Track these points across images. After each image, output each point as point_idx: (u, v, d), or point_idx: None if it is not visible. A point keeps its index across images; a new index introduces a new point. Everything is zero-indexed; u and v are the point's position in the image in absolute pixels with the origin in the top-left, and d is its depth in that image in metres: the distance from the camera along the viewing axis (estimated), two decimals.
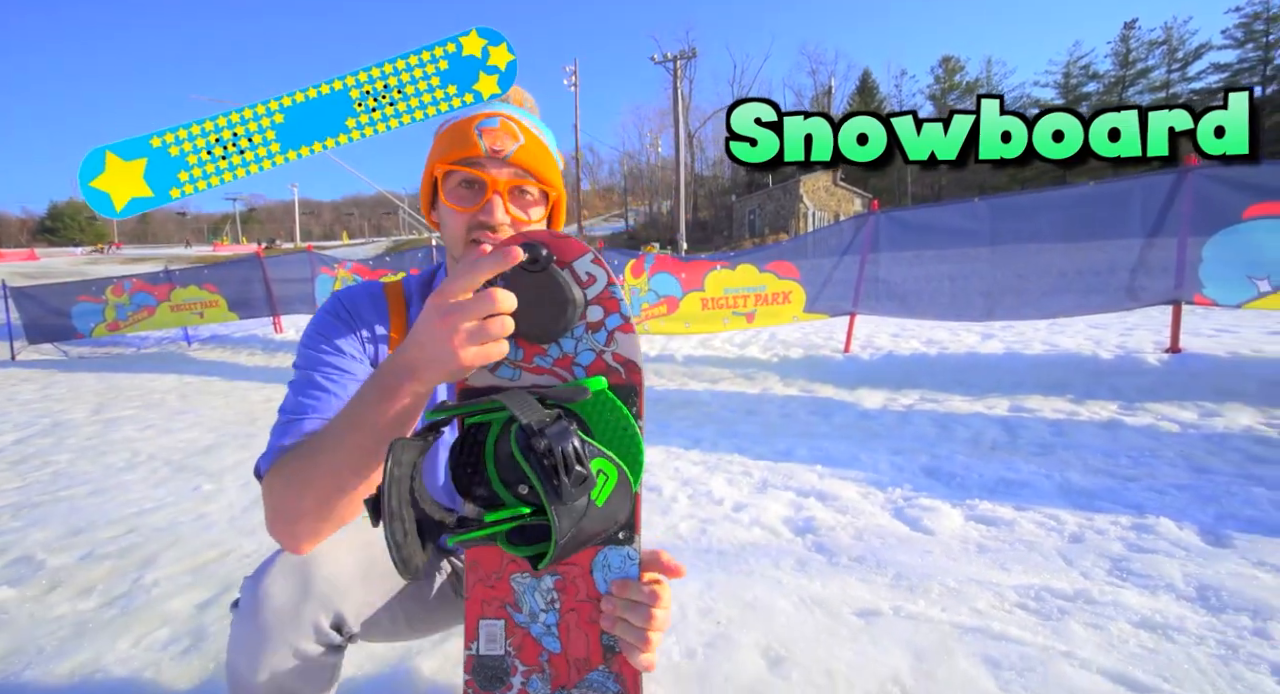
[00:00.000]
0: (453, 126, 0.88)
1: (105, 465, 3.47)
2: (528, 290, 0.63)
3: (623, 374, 0.68)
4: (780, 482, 2.83)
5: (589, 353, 0.68)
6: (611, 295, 0.67)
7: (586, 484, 0.58)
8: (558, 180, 0.92)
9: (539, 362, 0.68)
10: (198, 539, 2.36)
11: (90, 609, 1.85)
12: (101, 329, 9.39)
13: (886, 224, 5.42)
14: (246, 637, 0.78)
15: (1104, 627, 1.55)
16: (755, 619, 1.67)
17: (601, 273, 0.67)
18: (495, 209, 0.84)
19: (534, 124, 0.91)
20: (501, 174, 0.85)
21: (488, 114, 0.87)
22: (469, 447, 0.66)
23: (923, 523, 2.27)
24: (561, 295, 0.64)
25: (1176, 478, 2.61)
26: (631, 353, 0.68)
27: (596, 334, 0.67)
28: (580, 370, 0.68)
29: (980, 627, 1.58)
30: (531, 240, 0.64)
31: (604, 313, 0.67)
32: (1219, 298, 4.03)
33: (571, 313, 0.65)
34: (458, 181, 0.87)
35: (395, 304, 0.98)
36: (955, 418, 3.80)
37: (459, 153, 0.85)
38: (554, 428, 0.57)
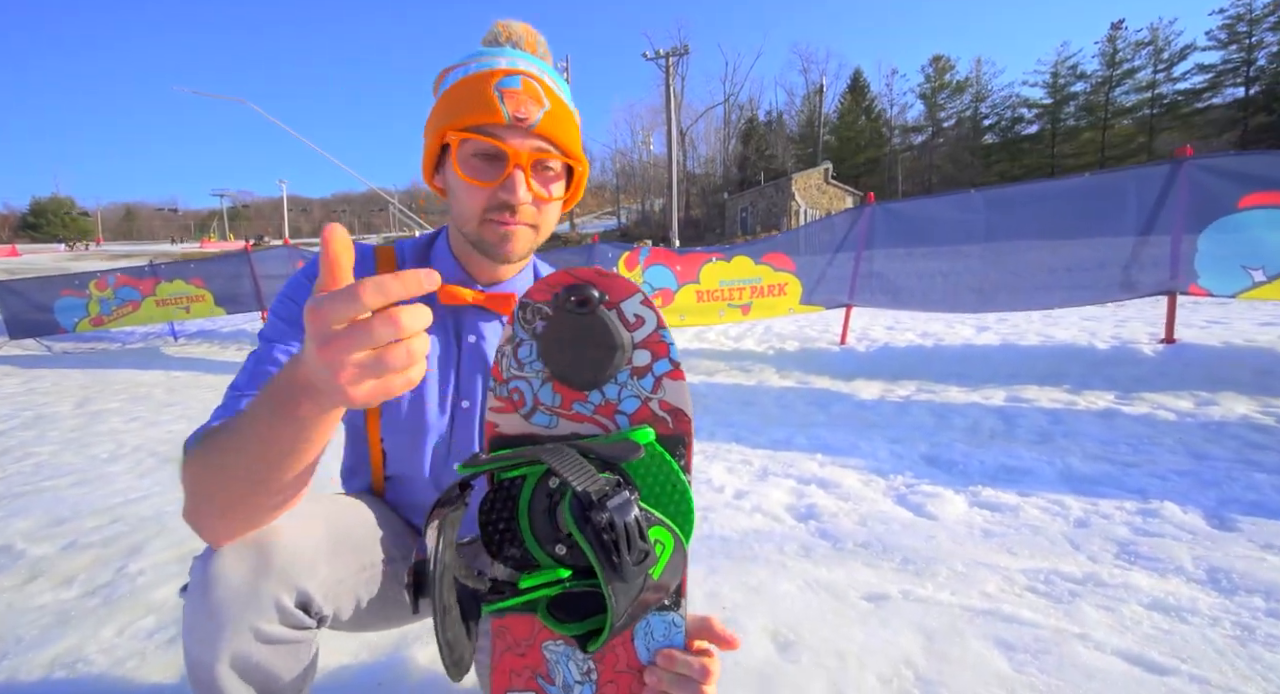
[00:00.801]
0: (467, 82, 0.78)
1: (90, 457, 3.39)
2: (571, 332, 0.59)
3: (670, 424, 0.62)
4: (780, 469, 2.80)
5: (634, 400, 0.62)
6: (661, 339, 0.62)
7: (648, 560, 0.54)
8: (580, 149, 0.83)
9: (578, 408, 0.63)
10: (184, 528, 2.28)
11: (72, 598, 1.79)
12: (85, 324, 9.22)
13: (883, 216, 5.40)
14: (200, 621, 0.66)
15: (1116, 609, 1.53)
16: (761, 603, 1.63)
17: (651, 314, 0.61)
18: (517, 186, 0.76)
19: (555, 82, 0.82)
20: (525, 146, 0.76)
21: (507, 71, 0.77)
22: (500, 502, 0.62)
23: (926, 509, 2.25)
24: (609, 339, 0.59)
25: (1177, 464, 2.60)
26: (680, 401, 0.62)
27: (643, 380, 0.62)
28: (624, 419, 0.62)
29: (991, 609, 1.55)
30: (581, 280, 0.60)
31: (651, 357, 0.62)
32: (1214, 288, 4.03)
33: (619, 357, 0.60)
34: (474, 151, 0.77)
35: (384, 269, 0.89)
36: (952, 408, 3.79)
37: (477, 117, 0.75)
38: (616, 499, 0.53)
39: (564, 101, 0.81)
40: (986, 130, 51.49)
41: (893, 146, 54.10)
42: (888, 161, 52.54)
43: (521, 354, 0.63)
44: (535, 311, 0.62)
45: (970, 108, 52.00)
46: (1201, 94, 41.99)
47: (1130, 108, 44.75)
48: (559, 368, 0.61)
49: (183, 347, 9.03)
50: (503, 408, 0.65)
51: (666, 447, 0.62)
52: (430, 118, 0.82)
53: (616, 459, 0.57)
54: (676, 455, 0.62)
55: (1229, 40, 40.40)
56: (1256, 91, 39.35)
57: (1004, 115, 50.91)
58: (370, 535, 0.84)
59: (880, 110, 56.28)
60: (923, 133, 53.85)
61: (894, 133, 55.22)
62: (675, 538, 0.58)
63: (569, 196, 0.89)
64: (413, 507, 0.97)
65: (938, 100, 52.83)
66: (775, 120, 57.13)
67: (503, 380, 0.65)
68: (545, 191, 0.80)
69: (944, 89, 52.44)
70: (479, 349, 0.90)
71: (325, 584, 0.73)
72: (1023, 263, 4.87)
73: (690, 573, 1.77)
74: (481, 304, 0.87)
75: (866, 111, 55.70)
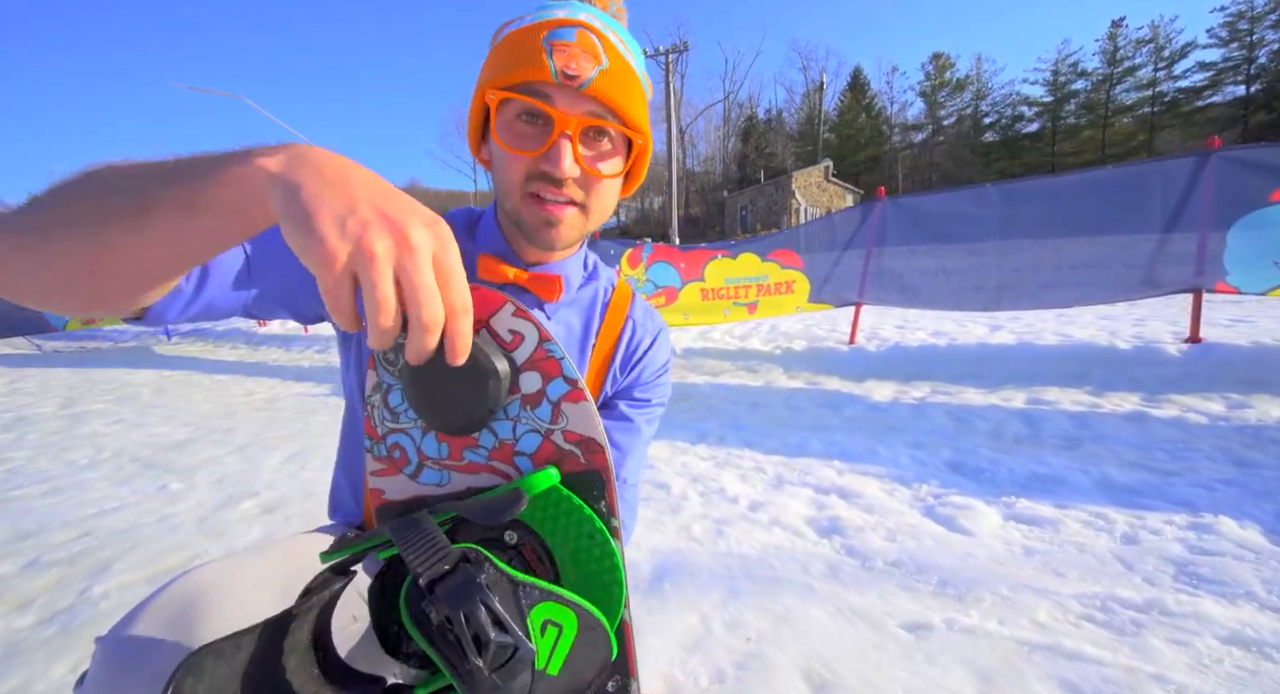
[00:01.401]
0: (515, 34, 0.66)
1: (67, 462, 3.22)
2: (430, 367, 0.45)
3: (581, 458, 0.51)
4: (796, 478, 2.63)
5: (534, 436, 0.51)
6: (548, 355, 0.50)
7: (518, 656, 0.41)
8: (645, 120, 0.68)
9: (471, 457, 0.51)
10: (159, 543, 2.13)
11: (26, 627, 1.62)
12: (76, 322, 9.05)
13: (894, 211, 5.23)
14: None
15: (1189, 643, 1.37)
16: (790, 634, 1.47)
17: (529, 327, 0.50)
18: (562, 157, 0.63)
19: (621, 38, 0.67)
20: (574, 109, 0.63)
21: (562, 20, 0.64)
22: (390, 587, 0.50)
23: (958, 522, 2.09)
24: (478, 368, 0.47)
25: (1220, 472, 2.44)
26: (588, 428, 0.51)
27: (538, 409, 0.51)
28: (526, 461, 0.51)
29: (1050, 644, 1.38)
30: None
31: (543, 379, 0.50)
32: (1243, 285, 3.87)
33: (496, 388, 0.48)
34: (516, 113, 0.65)
35: None
36: (971, 410, 3.63)
37: (521, 73, 0.62)
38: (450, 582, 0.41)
39: (628, 63, 0.67)
40: (987, 128, 51.29)
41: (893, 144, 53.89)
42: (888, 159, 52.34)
43: (393, 402, 0.52)
44: (396, 348, 0.50)
45: (971, 106, 51.80)
46: (1202, 92, 41.82)
47: (1131, 106, 44.57)
48: (429, 414, 0.49)
49: (176, 345, 8.86)
50: (385, 470, 0.53)
51: (578, 487, 0.50)
52: (478, 78, 0.68)
53: (489, 521, 0.46)
54: (592, 497, 0.50)
55: (1230, 38, 40.23)
56: (1257, 89, 39.20)
57: (1004, 113, 50.72)
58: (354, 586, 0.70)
59: (880, 108, 56.04)
60: (923, 130, 53.62)
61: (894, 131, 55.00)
62: (581, 614, 0.46)
63: (629, 176, 0.74)
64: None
65: (938, 98, 52.62)
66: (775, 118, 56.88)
67: (379, 437, 0.53)
68: (597, 166, 0.67)
69: (944, 87, 52.23)
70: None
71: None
72: (1041, 259, 4.71)
73: (709, 597, 1.63)
74: (523, 284, 0.74)
75: (867, 109, 55.47)
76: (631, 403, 0.82)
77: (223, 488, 2.71)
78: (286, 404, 4.63)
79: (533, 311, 0.52)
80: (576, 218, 0.69)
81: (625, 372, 0.82)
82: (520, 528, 0.50)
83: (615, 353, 0.81)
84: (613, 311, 0.82)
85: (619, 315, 0.82)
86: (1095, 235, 4.46)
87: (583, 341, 0.80)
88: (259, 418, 4.16)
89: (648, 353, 0.83)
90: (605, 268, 0.87)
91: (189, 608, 0.55)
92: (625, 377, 0.82)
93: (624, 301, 0.83)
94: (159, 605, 0.55)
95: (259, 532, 2.22)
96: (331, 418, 4.07)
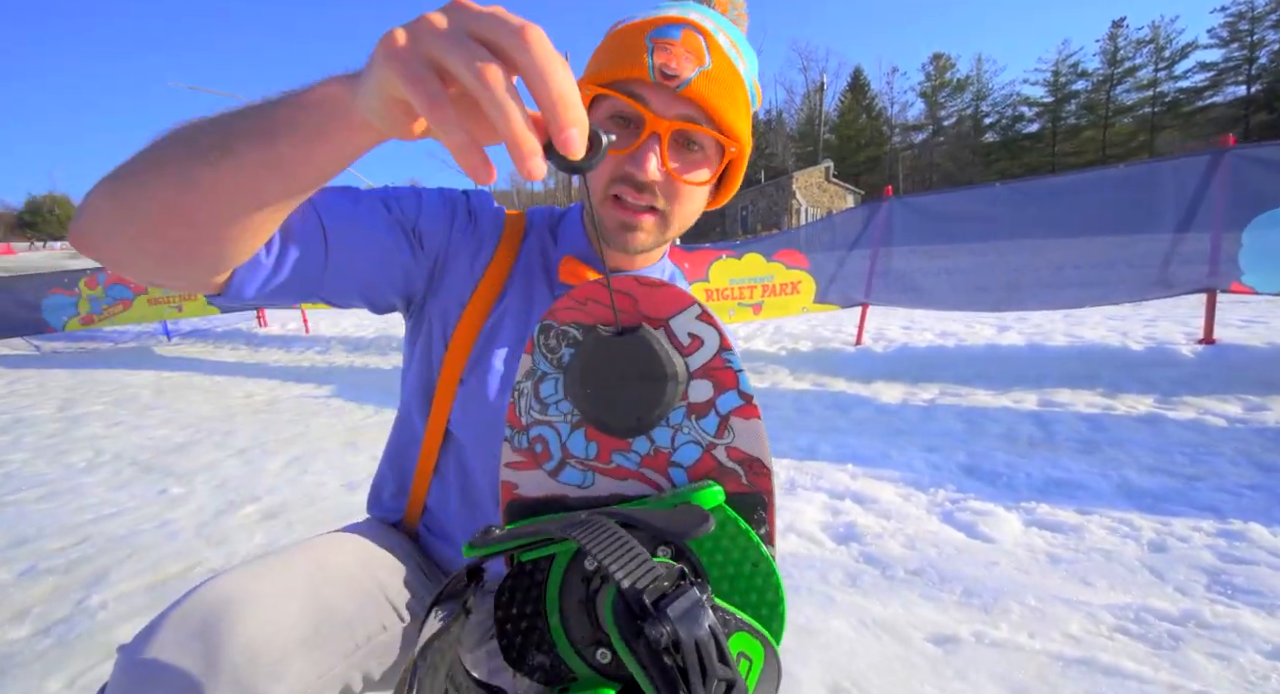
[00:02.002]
0: (624, 30, 0.63)
1: (65, 466, 3.16)
2: (607, 361, 0.46)
3: (743, 478, 0.47)
4: (809, 482, 2.58)
5: (693, 447, 0.47)
6: (726, 365, 0.46)
7: (736, 688, 0.36)
8: (744, 128, 0.65)
9: (620, 461, 0.48)
10: (158, 550, 2.07)
11: (22, 638, 1.56)
12: (75, 323, 8.97)
13: (901, 210, 5.18)
14: None
15: (1232, 658, 1.32)
16: (813, 648, 1.42)
17: (712, 332, 0.46)
18: (646, 161, 0.60)
19: (731, 40, 0.64)
20: (668, 111, 0.60)
21: (670, 18, 0.61)
22: (521, 593, 0.47)
23: (979, 529, 2.03)
24: (656, 368, 0.45)
25: (1244, 477, 2.39)
26: (756, 448, 0.46)
27: (703, 420, 0.47)
28: (680, 473, 0.47)
29: (1085, 657, 1.33)
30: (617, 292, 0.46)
31: (714, 389, 0.47)
32: (1259, 285, 3.82)
33: (670, 391, 0.45)
34: (610, 112, 0.63)
35: (511, 230, 0.74)
36: (983, 412, 3.58)
37: (619, 71, 0.61)
38: (680, 603, 0.36)
39: (735, 67, 0.63)
40: (987, 129, 51.28)
41: (893, 145, 53.88)
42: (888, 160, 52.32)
43: (544, 392, 0.49)
44: (560, 336, 0.48)
45: (971, 106, 51.79)
46: (1203, 92, 41.81)
47: (1131, 106, 44.56)
48: (592, 408, 0.47)
49: (176, 346, 8.80)
50: (522, 462, 0.50)
51: (740, 510, 0.46)
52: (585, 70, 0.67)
53: (679, 536, 0.40)
54: (755, 522, 0.46)
55: (1230, 38, 40.23)
56: (1258, 90, 39.20)
57: (1005, 114, 50.72)
58: (384, 593, 0.66)
59: (881, 108, 56.03)
60: (923, 131, 53.61)
61: (894, 131, 54.98)
62: (766, 646, 0.42)
63: (723, 185, 0.71)
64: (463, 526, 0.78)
65: (938, 98, 52.62)
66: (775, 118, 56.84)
67: (521, 427, 0.50)
68: (686, 173, 0.64)
69: (944, 87, 52.22)
70: None
71: (300, 683, 0.53)
72: (1051, 259, 4.65)
73: None
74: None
75: (867, 110, 55.45)
76: None
77: (223, 492, 2.66)
78: (287, 406, 4.57)
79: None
80: (655, 225, 0.66)
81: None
82: (674, 546, 0.45)
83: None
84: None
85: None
86: (1106, 235, 4.41)
87: None
88: (259, 420, 4.11)
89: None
90: (684, 281, 0.84)
91: (215, 621, 0.51)
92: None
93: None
94: (182, 616, 0.51)
95: (260, 538, 2.16)
96: (333, 420, 4.01)
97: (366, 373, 6.02)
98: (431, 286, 0.71)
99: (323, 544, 0.67)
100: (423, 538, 0.80)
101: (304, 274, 0.59)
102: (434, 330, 0.73)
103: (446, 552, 0.78)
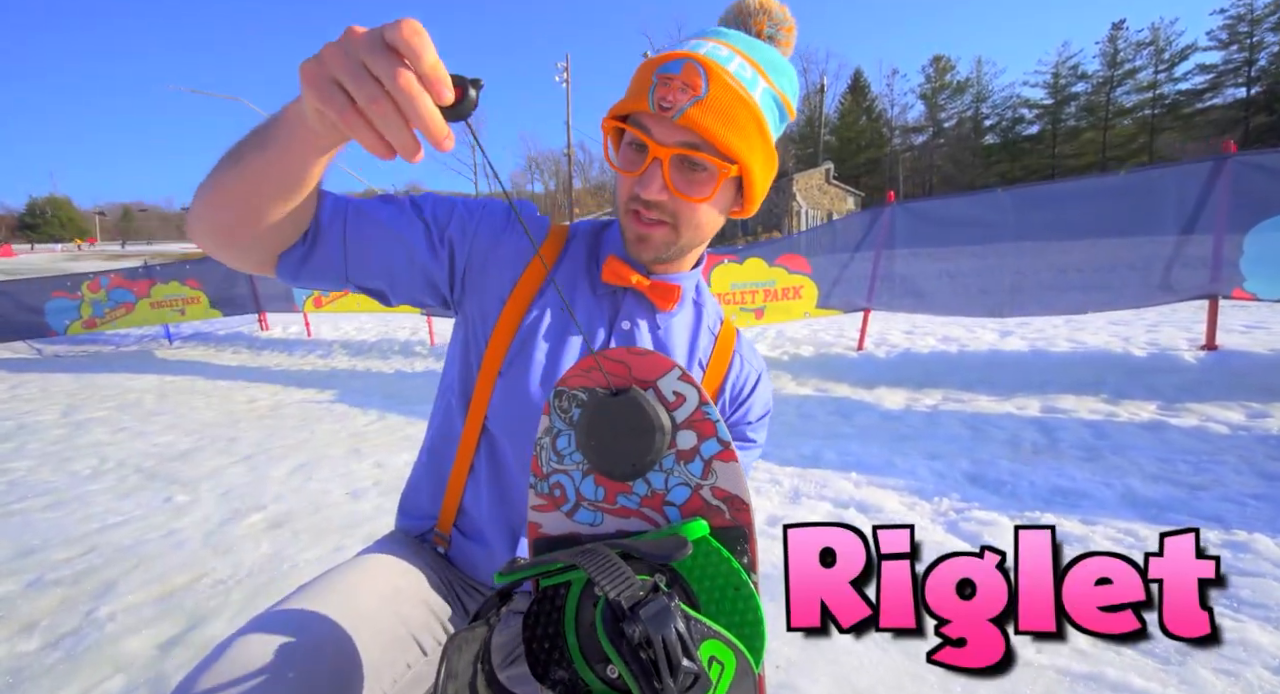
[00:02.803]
0: (641, 67, 0.71)
1: (70, 473, 3.17)
2: (607, 418, 0.56)
3: (726, 514, 0.56)
4: (813, 490, 2.59)
5: (683, 488, 0.57)
6: (705, 417, 0.57)
7: (699, 684, 0.44)
8: (745, 148, 0.69)
9: (624, 502, 0.58)
10: (165, 560, 2.08)
11: (31, 651, 1.57)
12: (77, 327, 8.98)
13: (903, 216, 5.19)
14: None
15: (1239, 674, 1.32)
16: (821, 662, 1.42)
17: (692, 390, 0.57)
18: (651, 182, 0.68)
19: (739, 67, 0.68)
20: (668, 138, 0.67)
21: (673, 55, 0.68)
22: (545, 615, 0.55)
23: (984, 539, 2.04)
24: (645, 422, 0.55)
25: (1248, 486, 2.40)
26: (735, 487, 0.56)
27: (690, 464, 0.57)
28: (674, 511, 0.57)
29: (1093, 673, 1.34)
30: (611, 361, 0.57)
31: (697, 438, 0.57)
32: (1260, 292, 3.82)
33: (659, 441, 0.55)
34: (628, 139, 0.71)
35: (553, 240, 0.83)
36: (986, 419, 3.58)
37: (631, 105, 0.69)
38: (650, 607, 0.44)
39: (735, 90, 0.68)
40: (987, 130, 51.30)
41: (893, 147, 53.92)
42: (888, 162, 52.36)
43: (560, 445, 0.59)
44: (571, 399, 0.58)
45: (971, 108, 51.83)
46: (1203, 94, 41.85)
47: (1131, 108, 44.59)
48: (598, 457, 0.57)
49: (177, 350, 8.81)
50: (544, 506, 0.60)
51: (724, 541, 0.55)
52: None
53: (661, 559, 0.49)
54: (737, 552, 0.55)
55: (1230, 40, 40.26)
56: (1258, 92, 39.23)
57: (1005, 116, 50.74)
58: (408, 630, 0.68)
59: (881, 110, 56.08)
60: (923, 133, 53.65)
61: (895, 133, 55.02)
62: (738, 656, 0.49)
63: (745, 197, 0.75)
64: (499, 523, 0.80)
65: (938, 100, 52.66)
66: None
67: (543, 476, 0.60)
68: (690, 192, 0.70)
69: (944, 89, 52.26)
70: (630, 337, 0.81)
71: None
72: (1053, 265, 4.66)
73: None
74: (644, 290, 0.79)
75: (867, 112, 55.50)
76: (741, 443, 0.84)
77: (228, 501, 2.66)
78: (290, 412, 4.58)
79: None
80: (666, 235, 0.73)
81: (733, 406, 0.85)
82: (669, 573, 0.53)
83: (724, 386, 0.84)
84: (721, 345, 0.85)
85: (727, 350, 0.85)
86: (1109, 241, 4.42)
87: (689, 356, 0.83)
88: (263, 426, 4.11)
89: (755, 391, 0.86)
90: (713, 299, 0.91)
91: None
92: (733, 411, 0.85)
93: (731, 337, 0.86)
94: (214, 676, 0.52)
95: (266, 547, 2.17)
96: (336, 426, 4.02)
97: (369, 377, 6.02)
98: (467, 287, 0.78)
99: (347, 582, 0.68)
100: (455, 543, 0.82)
101: (328, 260, 0.69)
102: (475, 328, 0.79)
103: (478, 554, 0.80)
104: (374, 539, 0.84)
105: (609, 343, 0.80)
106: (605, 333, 0.80)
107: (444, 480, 0.82)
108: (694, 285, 0.86)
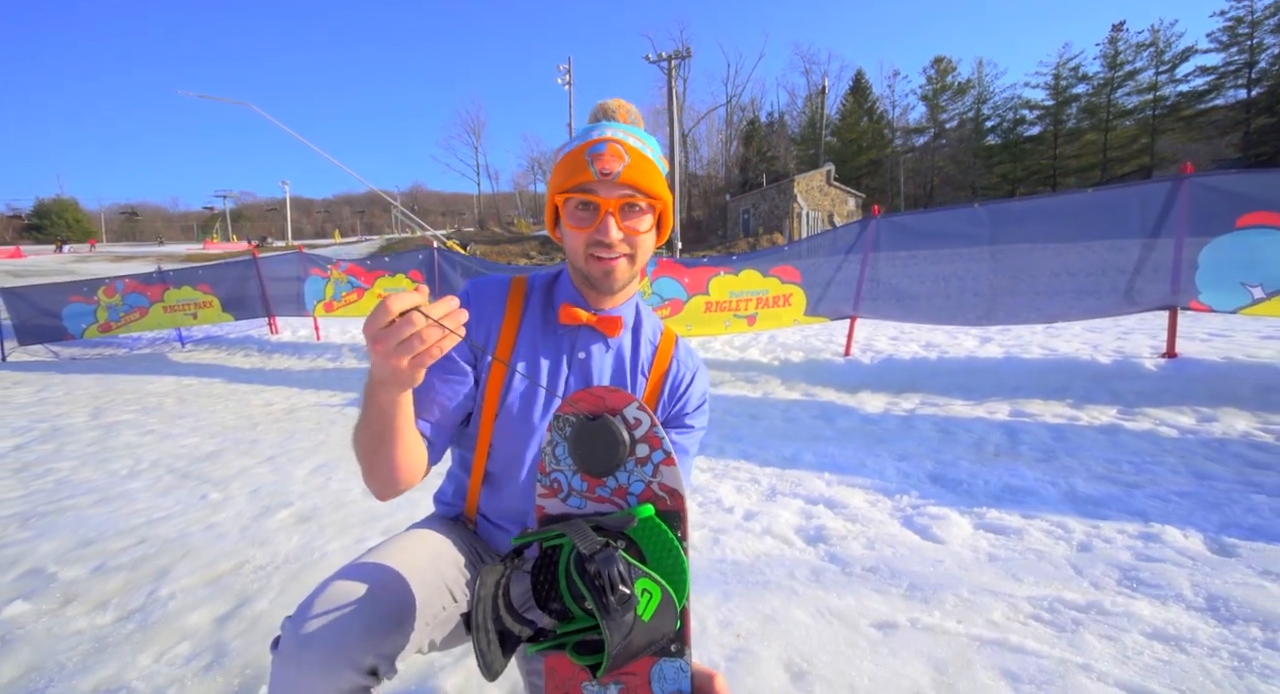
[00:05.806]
0: (567, 155, 0.97)
1: (109, 472, 3.45)
2: (588, 435, 0.79)
3: (668, 501, 0.79)
4: (789, 489, 2.85)
5: (639, 483, 0.80)
6: (655, 435, 0.79)
7: (630, 602, 0.69)
8: (662, 189, 0.99)
9: (600, 492, 0.81)
10: (210, 550, 2.35)
11: (108, 624, 1.85)
12: (93, 330, 9.29)
13: (888, 228, 5.46)
14: (286, 683, 0.76)
15: (1118, 638, 1.59)
16: (775, 632, 1.69)
17: (645, 417, 0.79)
18: (609, 228, 0.94)
19: (638, 139, 0.97)
20: (613, 195, 0.93)
21: (596, 140, 0.95)
22: (546, 566, 0.80)
23: (932, 531, 2.30)
24: (615, 438, 0.78)
25: (1178, 485, 2.66)
26: (674, 483, 0.79)
27: (644, 467, 0.79)
28: (633, 499, 0.80)
29: (998, 639, 1.60)
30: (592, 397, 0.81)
31: (649, 449, 0.79)
32: (1214, 304, 4.08)
33: (622, 452, 0.78)
34: (576, 205, 0.95)
35: (515, 296, 1.08)
36: (957, 422, 3.84)
37: (574, 179, 0.94)
38: (602, 554, 0.69)
39: (644, 154, 0.97)
40: (988, 132, 51.36)
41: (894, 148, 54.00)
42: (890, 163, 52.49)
43: (558, 452, 0.83)
44: (565, 421, 0.82)
45: (972, 109, 51.92)
46: (1204, 96, 41.89)
47: (1132, 109, 44.63)
48: (582, 462, 0.80)
49: (190, 353, 9.10)
50: (547, 493, 0.84)
51: (665, 520, 0.78)
52: (548, 184, 1.02)
53: (618, 528, 0.76)
54: (673, 526, 0.78)
55: (1230, 42, 40.30)
56: (1259, 93, 39.27)
57: (1006, 117, 50.81)
58: (444, 583, 0.95)
59: (882, 112, 56.19)
60: (925, 134, 53.73)
61: (896, 134, 55.12)
62: (664, 590, 0.73)
63: (660, 228, 1.04)
64: (505, 513, 1.09)
65: (939, 102, 52.76)
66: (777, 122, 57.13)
67: (546, 473, 0.84)
68: (635, 226, 0.96)
69: (946, 90, 52.37)
70: (586, 365, 1.06)
71: (402, 647, 0.83)
72: (1027, 276, 4.93)
73: (704, 599, 1.86)
74: (593, 325, 1.04)
75: (868, 113, 55.63)
76: (681, 430, 1.09)
77: (258, 498, 2.94)
78: (305, 415, 4.86)
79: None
80: (626, 265, 0.99)
81: (673, 400, 1.09)
82: (627, 539, 0.77)
83: (664, 384, 1.09)
84: (661, 351, 1.10)
85: (666, 355, 1.10)
86: (1079, 254, 4.68)
87: (633, 367, 1.08)
88: (281, 429, 4.39)
89: (691, 385, 1.10)
90: (651, 314, 1.16)
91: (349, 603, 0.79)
92: (674, 404, 1.09)
93: (669, 344, 1.12)
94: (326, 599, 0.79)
95: (298, 539, 2.44)
96: (350, 429, 4.29)
97: None
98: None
99: (404, 546, 0.95)
100: (480, 526, 1.12)
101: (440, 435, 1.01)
102: (479, 378, 1.05)
103: (496, 535, 1.10)
104: (391, 533, 1.15)
105: (569, 371, 1.05)
106: (566, 363, 1.05)
107: (464, 488, 1.11)
108: (633, 311, 1.09)
